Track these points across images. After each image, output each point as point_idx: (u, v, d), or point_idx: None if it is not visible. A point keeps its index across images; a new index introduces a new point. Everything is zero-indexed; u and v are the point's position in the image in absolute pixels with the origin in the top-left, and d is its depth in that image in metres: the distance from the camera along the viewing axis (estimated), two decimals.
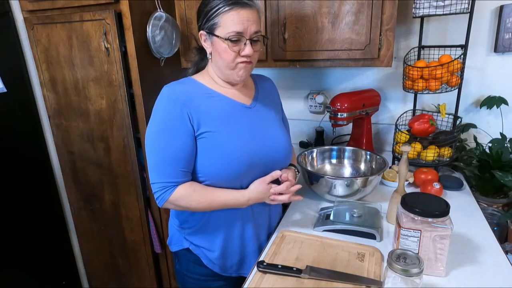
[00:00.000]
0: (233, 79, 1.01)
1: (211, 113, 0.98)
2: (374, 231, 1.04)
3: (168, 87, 0.98)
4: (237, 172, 0.98)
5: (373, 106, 1.62)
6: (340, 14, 1.35)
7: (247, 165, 0.98)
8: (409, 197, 0.91)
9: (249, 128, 1.02)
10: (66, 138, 1.74)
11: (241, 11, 0.91)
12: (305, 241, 1.04)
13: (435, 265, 0.88)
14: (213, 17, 0.93)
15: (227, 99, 1.03)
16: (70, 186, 1.86)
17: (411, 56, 1.50)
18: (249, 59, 0.97)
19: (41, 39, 1.58)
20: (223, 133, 0.97)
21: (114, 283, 1.99)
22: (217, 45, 0.95)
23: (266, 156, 1.02)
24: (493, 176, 1.29)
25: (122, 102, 1.51)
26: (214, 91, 1.02)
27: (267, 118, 1.09)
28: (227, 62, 0.96)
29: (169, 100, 0.95)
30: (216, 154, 0.96)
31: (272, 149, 1.04)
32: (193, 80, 1.04)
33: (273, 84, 1.22)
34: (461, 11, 1.30)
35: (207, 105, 0.98)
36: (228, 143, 0.97)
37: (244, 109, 1.04)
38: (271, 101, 1.15)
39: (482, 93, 1.55)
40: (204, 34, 0.98)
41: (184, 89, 0.98)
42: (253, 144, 1.00)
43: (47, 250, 1.91)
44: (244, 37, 0.93)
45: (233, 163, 0.97)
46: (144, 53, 1.48)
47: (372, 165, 1.39)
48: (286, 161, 1.11)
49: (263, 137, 1.04)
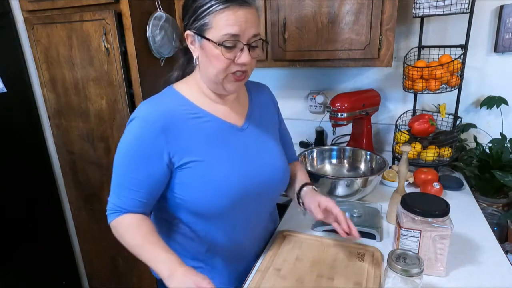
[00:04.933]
0: (219, 91, 0.88)
1: (197, 139, 0.84)
2: (374, 231, 1.04)
3: (147, 105, 0.84)
4: (228, 204, 0.86)
5: (373, 106, 1.62)
6: (340, 14, 1.35)
7: (239, 196, 0.87)
8: (409, 197, 0.91)
9: (240, 153, 0.89)
10: (66, 138, 1.74)
11: (238, 11, 0.76)
12: (305, 241, 1.04)
13: (435, 265, 0.88)
14: (203, 15, 0.77)
15: (216, 119, 0.88)
16: (70, 186, 1.86)
17: (411, 56, 1.50)
18: (245, 68, 0.83)
19: (41, 39, 1.58)
20: (210, 162, 0.84)
21: (114, 283, 1.99)
22: (207, 49, 0.80)
23: (259, 184, 0.91)
24: (493, 176, 1.29)
25: (122, 102, 1.51)
26: (201, 109, 0.87)
27: (261, 139, 0.96)
28: (218, 71, 0.81)
29: (146, 123, 0.81)
30: (203, 185, 0.84)
31: (266, 175, 0.93)
32: (176, 93, 0.88)
33: (270, 94, 1.09)
34: (461, 11, 1.30)
35: (191, 129, 0.84)
36: (216, 173, 0.84)
37: (235, 132, 0.91)
38: (267, 116, 1.02)
39: (482, 93, 1.55)
40: (192, 35, 0.82)
41: (165, 109, 0.83)
42: (245, 172, 0.88)
43: (47, 250, 1.91)
44: (241, 41, 0.78)
45: (222, 194, 0.85)
46: (144, 53, 1.48)
47: (372, 165, 1.39)
48: (282, 185, 1.00)
49: (255, 162, 0.91)
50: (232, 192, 0.86)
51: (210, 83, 0.86)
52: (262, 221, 1.04)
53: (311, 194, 0.99)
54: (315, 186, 1.05)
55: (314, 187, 1.03)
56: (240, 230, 0.94)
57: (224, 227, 0.91)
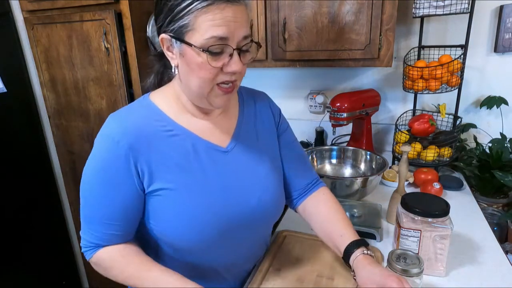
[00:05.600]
0: (204, 106, 0.74)
1: (170, 162, 0.71)
2: (374, 231, 1.04)
3: (113, 120, 0.71)
4: (206, 240, 0.73)
5: (373, 106, 1.62)
6: (340, 14, 1.35)
7: (218, 232, 0.74)
8: (409, 197, 0.91)
9: (220, 181, 0.75)
10: (66, 138, 1.74)
11: (226, 8, 0.62)
12: (305, 241, 1.03)
13: (435, 265, 0.88)
14: (181, 15, 0.63)
15: (195, 138, 0.74)
16: (70, 186, 1.86)
17: (411, 56, 1.50)
18: (234, 78, 0.69)
19: (41, 39, 1.58)
20: (184, 191, 0.71)
21: (114, 283, 1.98)
22: (188, 57, 0.65)
23: (242, 218, 0.77)
24: (493, 176, 1.29)
25: (122, 102, 1.51)
26: (178, 125, 0.74)
27: (249, 163, 0.80)
28: (202, 82, 0.67)
29: (112, 142, 0.68)
30: (175, 218, 0.71)
31: (252, 208, 0.78)
32: (150, 105, 0.75)
33: (269, 103, 0.91)
34: (461, 11, 1.30)
35: (165, 148, 0.71)
36: (188, 205, 0.71)
37: (218, 154, 0.76)
38: (262, 132, 0.86)
39: (482, 93, 1.55)
40: (168, 40, 0.67)
41: (134, 125, 0.70)
42: (226, 203, 0.74)
43: (47, 250, 1.91)
44: (230, 45, 0.64)
45: (194, 230, 0.72)
46: (144, 53, 1.48)
47: (372, 165, 1.39)
48: (273, 218, 0.86)
49: (239, 193, 0.76)
50: (208, 228, 0.72)
51: (192, 97, 0.73)
52: (256, 246, 0.91)
53: (369, 268, 0.73)
54: (367, 248, 0.77)
55: (369, 251, 0.77)
56: (231, 256, 0.82)
57: (211, 258, 0.79)
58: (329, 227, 0.85)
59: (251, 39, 0.68)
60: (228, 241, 0.77)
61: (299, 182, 0.92)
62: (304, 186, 0.93)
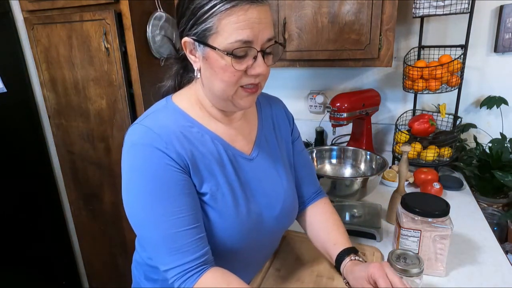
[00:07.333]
0: (228, 109, 0.74)
1: (210, 165, 0.70)
2: (374, 231, 1.04)
3: (142, 126, 0.69)
4: (236, 245, 0.74)
5: (373, 106, 1.62)
6: (340, 14, 1.35)
7: (245, 238, 0.74)
8: (409, 197, 0.91)
9: (248, 188, 0.75)
10: (66, 138, 1.74)
11: (250, 9, 0.61)
12: (305, 241, 1.03)
13: (435, 265, 0.88)
14: (205, 18, 0.62)
15: (224, 144, 0.74)
16: (70, 186, 1.86)
17: (411, 56, 1.50)
18: (258, 80, 0.68)
19: (41, 39, 1.58)
20: (227, 195, 0.71)
21: (114, 283, 1.99)
22: (212, 60, 0.65)
23: (268, 226, 0.78)
24: (493, 176, 1.29)
25: (122, 102, 1.51)
26: (207, 129, 0.73)
27: (271, 169, 0.81)
28: (226, 85, 0.66)
29: (144, 146, 0.66)
30: (218, 219, 0.71)
31: (277, 213, 0.79)
32: (174, 107, 0.73)
33: (285, 109, 0.91)
34: (461, 11, 1.30)
35: (203, 150, 0.70)
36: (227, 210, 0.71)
37: (244, 162, 0.76)
38: (280, 137, 0.86)
39: (482, 93, 1.55)
40: (191, 43, 0.67)
41: (169, 127, 0.68)
42: (249, 208, 0.74)
43: (47, 250, 1.91)
44: (254, 48, 0.63)
45: (229, 233, 0.72)
46: (144, 53, 1.48)
47: (372, 165, 1.39)
48: (291, 222, 0.87)
49: (265, 199, 0.77)
50: (240, 234, 0.73)
51: (216, 100, 0.72)
52: (270, 250, 0.92)
53: (356, 269, 0.74)
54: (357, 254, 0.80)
55: (357, 257, 0.79)
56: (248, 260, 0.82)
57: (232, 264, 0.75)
58: (324, 236, 0.87)
59: (275, 40, 0.67)
60: (248, 247, 0.77)
61: (305, 190, 0.93)
62: (309, 195, 0.94)
